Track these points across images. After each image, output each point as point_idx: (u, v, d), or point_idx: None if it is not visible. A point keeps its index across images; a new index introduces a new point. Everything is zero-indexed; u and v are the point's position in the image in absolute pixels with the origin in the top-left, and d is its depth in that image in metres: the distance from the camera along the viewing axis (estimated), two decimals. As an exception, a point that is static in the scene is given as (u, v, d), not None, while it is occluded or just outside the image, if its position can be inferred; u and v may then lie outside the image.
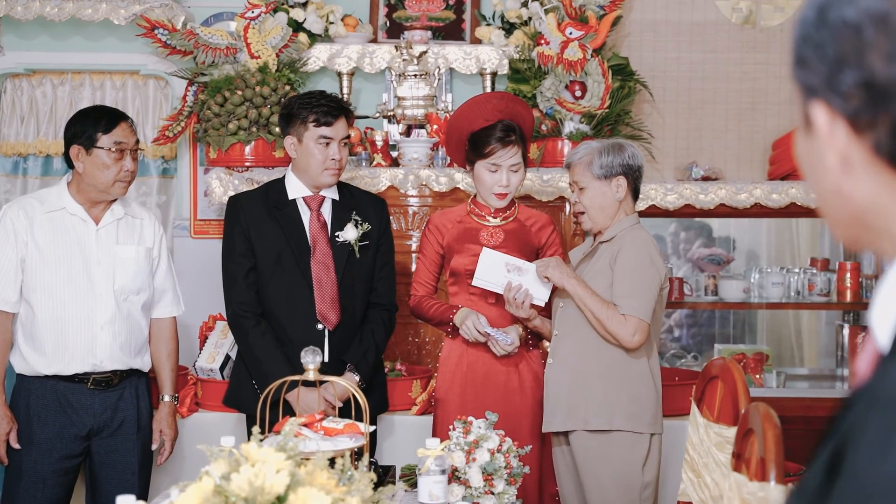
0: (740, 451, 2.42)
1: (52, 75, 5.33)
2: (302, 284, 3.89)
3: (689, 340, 6.51)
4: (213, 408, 4.41)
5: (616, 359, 3.63)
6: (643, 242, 3.64)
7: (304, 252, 3.92)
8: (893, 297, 0.99)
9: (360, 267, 3.97)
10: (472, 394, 3.87)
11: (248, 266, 3.92)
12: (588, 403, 3.62)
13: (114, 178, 3.82)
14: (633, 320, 3.55)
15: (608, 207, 3.71)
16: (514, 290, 3.77)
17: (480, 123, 3.91)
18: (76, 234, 3.85)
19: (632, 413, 3.59)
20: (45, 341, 3.80)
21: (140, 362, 3.95)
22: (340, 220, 3.97)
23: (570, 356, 3.68)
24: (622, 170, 3.70)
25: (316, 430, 2.75)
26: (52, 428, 3.82)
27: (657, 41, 5.30)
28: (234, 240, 3.94)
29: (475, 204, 4.01)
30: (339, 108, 3.92)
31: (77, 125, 3.85)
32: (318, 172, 3.89)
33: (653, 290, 3.60)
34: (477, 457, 2.97)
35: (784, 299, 5.31)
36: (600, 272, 3.66)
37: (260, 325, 3.88)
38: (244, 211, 3.95)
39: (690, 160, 5.20)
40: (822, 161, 1.05)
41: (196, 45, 4.84)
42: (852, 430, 0.91)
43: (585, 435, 3.62)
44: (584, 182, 3.72)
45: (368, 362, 3.95)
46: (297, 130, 3.89)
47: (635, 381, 3.63)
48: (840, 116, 1.02)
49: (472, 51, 5.09)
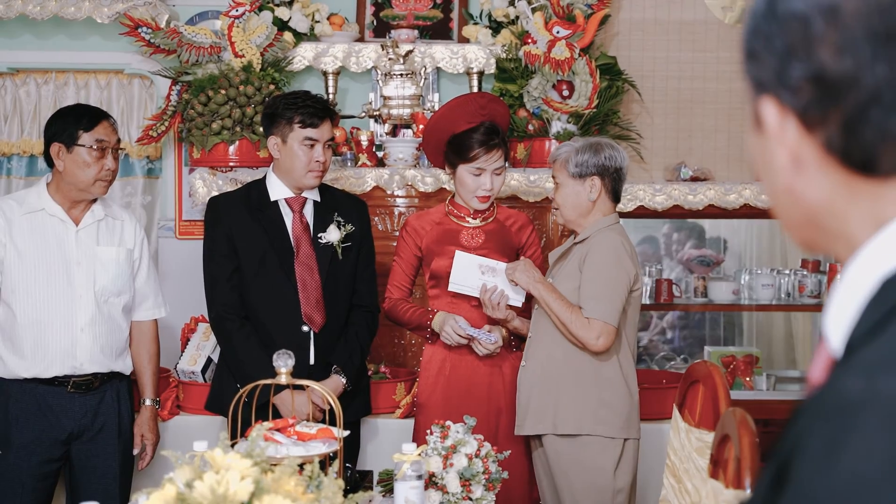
0: (717, 457, 2.38)
1: (35, 74, 5.29)
2: (286, 286, 3.86)
3: (680, 342, 6.48)
4: (194, 411, 4.37)
5: (585, 362, 3.61)
6: (611, 244, 3.61)
7: (288, 254, 3.88)
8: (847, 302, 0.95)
9: (342, 268, 3.94)
10: (456, 398, 3.83)
11: (231, 268, 3.87)
12: (557, 407, 3.60)
13: (94, 176, 3.79)
14: (596, 324, 3.53)
15: (580, 206, 3.69)
16: (489, 291, 3.74)
17: (462, 126, 3.87)
18: (55, 235, 3.82)
19: (602, 417, 3.56)
20: (24, 344, 3.76)
21: (121, 365, 3.92)
22: (322, 221, 3.94)
23: (541, 359, 3.66)
24: (597, 170, 3.67)
25: (289, 434, 2.71)
26: (32, 432, 3.78)
27: (646, 40, 5.26)
28: (216, 241, 3.90)
29: (453, 205, 3.97)
30: (324, 109, 3.88)
31: (58, 123, 3.83)
32: (301, 174, 3.85)
33: (619, 293, 3.57)
34: (454, 462, 2.93)
35: (774, 301, 5.28)
36: (570, 274, 3.64)
37: (244, 327, 3.84)
38: (226, 212, 3.91)
39: (679, 160, 5.16)
40: (773, 160, 1.02)
41: (180, 43, 4.80)
42: (798, 441, 0.87)
43: (556, 439, 3.61)
44: (559, 179, 3.72)
45: (354, 364, 3.92)
46: (282, 131, 3.85)
47: (605, 385, 3.60)
48: (790, 112, 0.99)
49: (459, 50, 5.05)
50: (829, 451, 0.82)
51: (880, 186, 0.96)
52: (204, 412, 4.20)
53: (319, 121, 3.84)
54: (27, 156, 5.32)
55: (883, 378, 0.84)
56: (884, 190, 0.96)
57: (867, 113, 0.93)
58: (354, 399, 3.97)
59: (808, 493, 0.82)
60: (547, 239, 4.74)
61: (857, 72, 0.93)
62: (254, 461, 2.08)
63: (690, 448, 2.76)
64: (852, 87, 0.93)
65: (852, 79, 0.93)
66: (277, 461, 2.41)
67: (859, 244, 0.97)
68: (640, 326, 6.30)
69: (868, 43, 0.93)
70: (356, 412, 4.00)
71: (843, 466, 0.80)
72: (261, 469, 2.06)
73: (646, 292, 5.31)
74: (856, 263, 0.96)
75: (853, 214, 0.98)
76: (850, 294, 0.95)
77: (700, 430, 2.76)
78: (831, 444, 0.83)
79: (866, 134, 0.94)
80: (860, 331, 0.92)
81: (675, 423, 2.93)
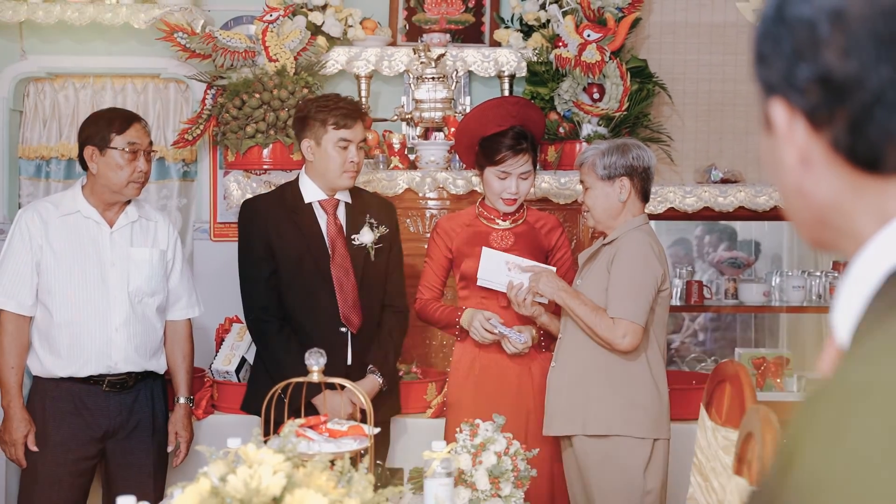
0: (742, 454, 2.40)
1: (74, 79, 5.37)
2: (323, 288, 3.91)
3: (711, 344, 6.48)
4: (229, 410, 4.43)
5: (614, 363, 3.63)
6: (639, 244, 3.64)
7: (324, 256, 3.93)
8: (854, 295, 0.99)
9: (375, 269, 3.99)
10: (485, 398, 3.86)
11: (268, 270, 3.92)
12: (586, 408, 3.63)
13: (127, 178, 3.86)
14: (622, 323, 3.55)
15: (611, 208, 3.71)
16: (515, 288, 3.78)
17: (492, 129, 3.91)
18: (90, 236, 3.88)
19: (630, 418, 3.58)
20: (60, 343, 3.83)
21: (155, 364, 3.98)
22: (355, 222, 3.99)
23: (570, 360, 3.69)
24: (625, 171, 3.70)
25: (321, 431, 2.76)
26: (68, 430, 3.85)
27: (676, 43, 5.27)
28: (253, 244, 3.95)
29: (483, 207, 4.01)
30: (356, 111, 3.93)
31: (91, 127, 3.90)
32: (336, 175, 3.90)
33: (646, 293, 3.58)
34: (483, 459, 2.97)
35: (805, 303, 5.27)
36: (598, 275, 3.67)
37: (283, 329, 3.90)
38: (261, 215, 3.96)
39: (710, 163, 5.17)
40: (783, 160, 1.05)
41: (215, 48, 4.86)
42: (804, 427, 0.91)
43: (586, 440, 3.63)
44: (588, 182, 3.74)
45: (389, 364, 3.99)
46: (315, 134, 3.89)
47: (634, 386, 3.62)
48: (798, 113, 1.02)
49: (491, 53, 5.09)
50: (832, 433, 0.85)
51: (885, 184, 0.99)
52: (238, 412, 4.25)
53: (353, 122, 3.89)
54: (65, 159, 5.39)
55: (885, 364, 0.87)
56: (888, 187, 0.98)
57: (872, 113, 0.96)
58: (386, 399, 4.02)
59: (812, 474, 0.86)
60: (578, 241, 4.77)
61: (861, 73, 0.96)
62: (286, 456, 2.13)
63: (717, 446, 2.78)
64: (857, 87, 0.96)
65: (857, 80, 0.96)
66: (309, 457, 2.46)
67: (865, 240, 1.00)
68: (671, 329, 6.33)
69: (872, 46, 0.95)
70: (386, 412, 4.05)
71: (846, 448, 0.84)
72: (293, 464, 2.11)
73: (676, 294, 5.32)
74: (861, 258, 0.99)
75: (859, 211, 1.00)
76: (856, 287, 0.98)
77: (726, 428, 2.78)
78: (835, 427, 0.86)
79: (871, 133, 0.97)
80: (866, 323, 0.96)
81: (702, 422, 2.96)
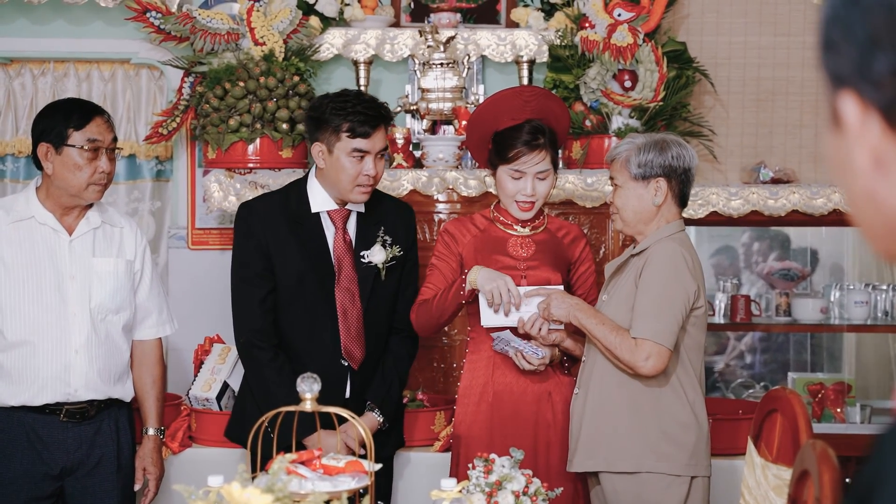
0: (796, 495, 2.41)
1: (32, 64, 5.40)
2: (325, 315, 3.92)
3: (760, 368, 6.48)
4: (209, 442, 4.44)
5: (641, 390, 3.63)
6: (670, 256, 3.63)
7: (328, 276, 3.93)
8: None
9: (384, 290, 4.00)
10: (500, 429, 3.87)
11: (266, 289, 3.93)
12: (611, 441, 3.63)
13: (87, 180, 3.83)
14: (645, 344, 3.54)
15: (643, 212, 3.71)
16: (529, 322, 3.79)
17: (506, 122, 3.91)
18: (46, 245, 3.86)
19: (664, 452, 3.58)
20: (11, 367, 3.81)
21: (120, 391, 3.96)
22: (366, 236, 3.98)
23: (594, 387, 3.69)
24: (662, 171, 3.69)
25: (314, 468, 2.77)
26: (20, 466, 3.81)
27: (720, 24, 5.29)
28: (250, 257, 3.95)
29: (499, 210, 4.01)
30: (378, 116, 3.89)
31: (45, 120, 3.87)
32: (348, 189, 3.88)
33: (675, 311, 3.58)
34: (499, 500, 2.98)
35: (869, 321, 5.28)
36: (626, 290, 3.66)
37: (277, 358, 3.91)
38: (261, 222, 3.95)
39: (758, 160, 5.18)
40: (853, 161, 1.04)
41: (193, 30, 4.88)
42: (876, 476, 0.91)
43: (613, 477, 3.63)
44: (619, 180, 3.73)
45: (392, 399, 4.00)
46: (328, 139, 3.87)
47: (667, 416, 3.62)
48: (872, 109, 1.01)
49: (507, 36, 5.10)
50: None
51: None
52: (220, 444, 4.27)
53: (371, 130, 3.84)
54: (24, 156, 5.40)
55: None
56: None
57: None
58: (392, 432, 4.03)
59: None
60: (606, 250, 4.77)
61: None
62: (275, 496, 2.15)
63: (767, 486, 2.79)
64: None
65: None
66: (301, 497, 2.48)
67: None
68: (713, 349, 6.33)
69: None
70: (389, 446, 4.06)
71: None
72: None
73: (720, 310, 5.33)
74: None
75: None
76: None
77: (778, 465, 2.79)
78: None
79: None
80: None
81: (750, 458, 2.97)
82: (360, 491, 2.72)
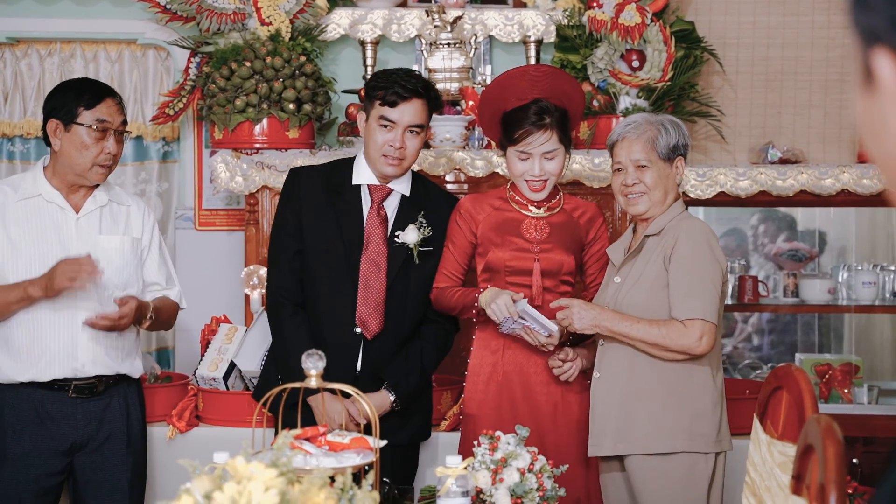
0: (800, 471, 2.41)
1: (38, 45, 5.40)
2: (346, 282, 3.95)
3: (768, 349, 6.48)
4: (216, 422, 4.44)
5: (674, 369, 3.63)
6: (701, 233, 3.65)
7: (356, 247, 3.97)
8: None
9: (418, 274, 4.00)
10: (509, 409, 3.86)
11: (293, 248, 3.99)
12: (645, 423, 3.63)
13: (92, 160, 3.85)
14: (696, 324, 3.55)
15: (670, 191, 3.75)
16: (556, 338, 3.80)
17: (513, 103, 3.89)
18: (53, 223, 3.88)
19: (696, 431, 3.60)
20: (19, 344, 3.83)
21: (129, 367, 3.98)
22: (405, 219, 4.00)
23: (620, 368, 3.68)
24: (683, 150, 3.76)
25: (319, 444, 2.78)
26: (29, 442, 3.84)
27: (728, 3, 5.27)
28: (286, 216, 4.03)
29: (515, 190, 3.98)
30: (413, 90, 3.90)
31: (58, 97, 3.91)
32: (375, 157, 3.93)
33: (715, 287, 3.61)
34: (504, 477, 2.98)
35: (877, 302, 5.27)
36: (650, 273, 3.65)
37: (297, 315, 3.96)
38: (302, 187, 4.02)
39: (766, 140, 5.17)
40: (886, 122, 1.00)
41: (199, 9, 4.88)
42: None
43: (643, 459, 3.63)
44: (648, 161, 3.71)
45: (409, 384, 3.97)
46: (367, 107, 3.97)
47: (698, 394, 3.63)
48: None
49: (515, 16, 5.09)
50: None
51: None
52: (226, 423, 4.31)
53: (400, 100, 3.87)
54: (32, 138, 5.41)
55: None
56: None
57: None
58: (411, 419, 4.03)
59: None
60: (614, 231, 4.76)
61: None
62: (279, 471, 2.14)
63: (772, 463, 2.79)
64: None
65: None
66: (306, 472, 2.48)
67: None
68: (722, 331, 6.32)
69: None
70: (412, 434, 4.07)
71: None
72: (287, 480, 2.13)
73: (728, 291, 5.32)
74: None
75: None
76: None
77: (783, 442, 2.78)
78: None
79: None
80: None
81: (756, 436, 2.96)
82: (364, 468, 2.72)
